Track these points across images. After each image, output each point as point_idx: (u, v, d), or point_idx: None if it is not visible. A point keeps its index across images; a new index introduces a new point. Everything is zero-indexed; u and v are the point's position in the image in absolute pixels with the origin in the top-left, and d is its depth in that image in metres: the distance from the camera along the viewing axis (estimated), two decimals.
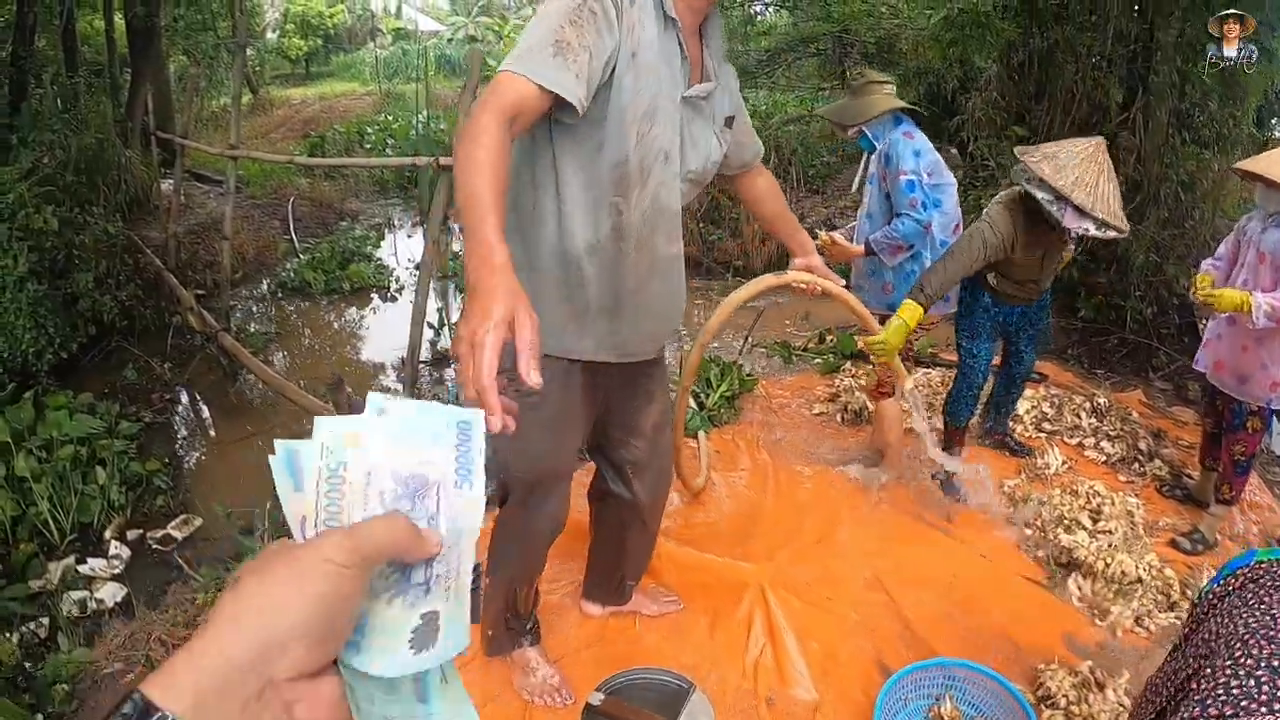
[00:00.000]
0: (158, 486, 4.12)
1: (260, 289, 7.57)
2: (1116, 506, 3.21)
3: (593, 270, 1.78)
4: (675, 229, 1.88)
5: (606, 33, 1.57)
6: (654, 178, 1.76)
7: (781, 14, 11.97)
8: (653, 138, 1.72)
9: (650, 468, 2.23)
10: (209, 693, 0.42)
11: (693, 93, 1.78)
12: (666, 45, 1.71)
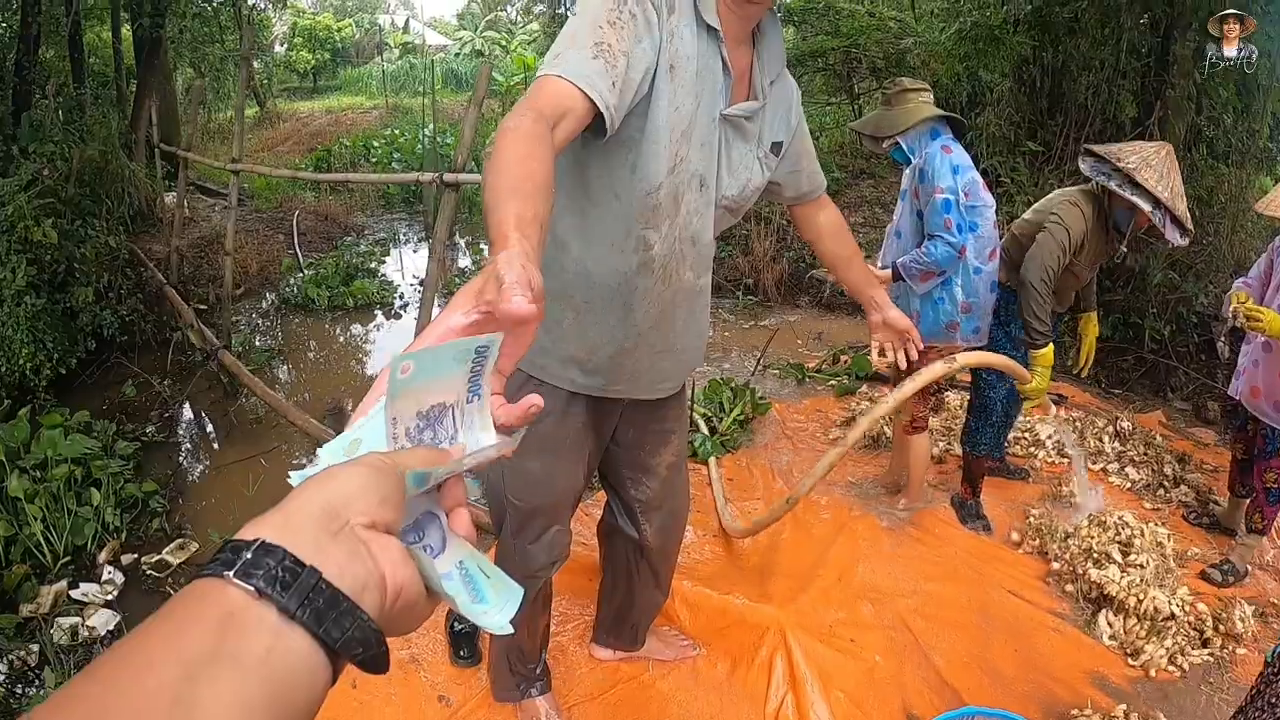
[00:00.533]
0: (154, 509, 4.00)
1: (263, 304, 7.47)
2: (1146, 538, 3.08)
3: (612, 304, 1.63)
4: (706, 260, 1.72)
5: (647, 38, 1.41)
6: (686, 205, 1.59)
7: (788, 29, 11.94)
8: (688, 161, 1.55)
9: (661, 509, 2.07)
10: (290, 524, 0.47)
11: (734, 111, 1.58)
12: (707, 57, 1.53)
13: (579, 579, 2.25)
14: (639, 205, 1.54)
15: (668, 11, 1.45)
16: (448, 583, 0.59)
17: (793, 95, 1.76)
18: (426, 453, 0.60)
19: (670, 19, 1.46)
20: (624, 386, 1.77)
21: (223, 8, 12.56)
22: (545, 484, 1.83)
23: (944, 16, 8.15)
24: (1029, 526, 3.32)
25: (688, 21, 1.49)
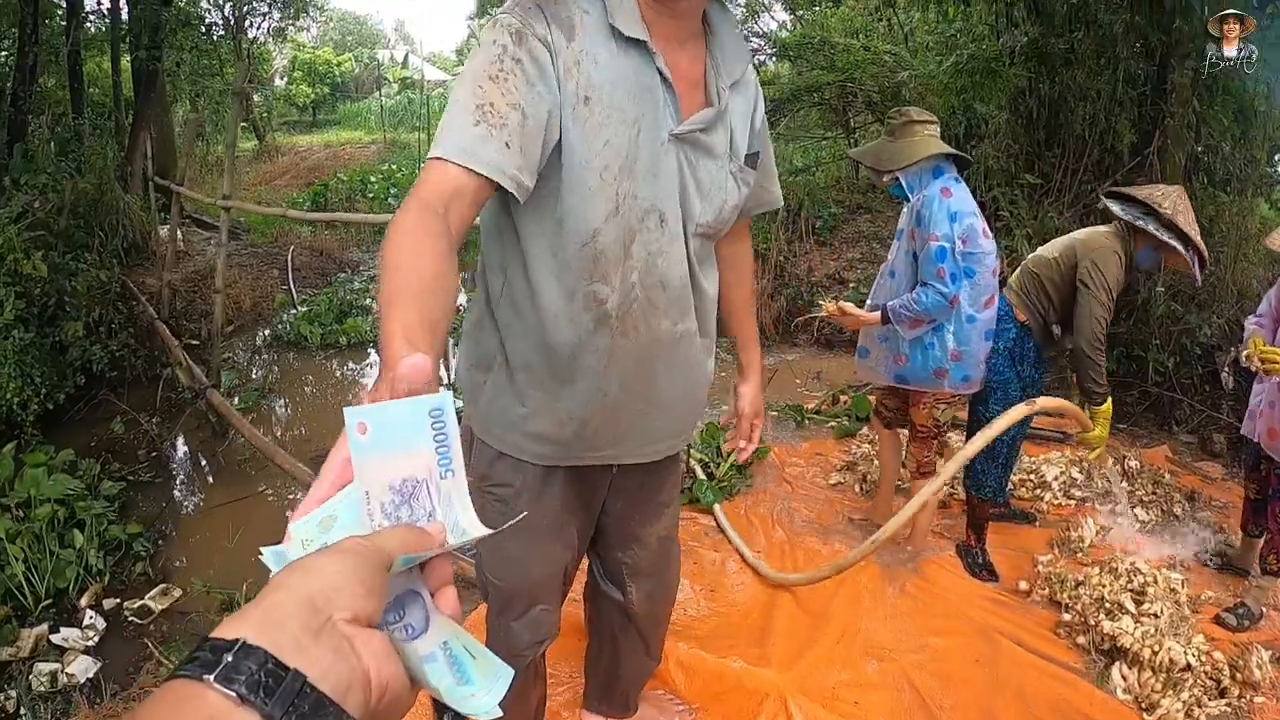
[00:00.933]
0: (137, 553, 3.91)
1: (256, 340, 7.39)
2: (1160, 585, 2.98)
3: (576, 371, 1.44)
4: (684, 303, 1.48)
5: (540, 82, 1.23)
6: (644, 247, 1.38)
7: (783, 65, 12.02)
8: (637, 198, 1.34)
9: (649, 576, 1.87)
10: (271, 621, 0.46)
11: (688, 127, 1.36)
12: (637, 74, 1.31)
13: (569, 640, 2.13)
14: (578, 259, 1.35)
15: (565, 40, 1.26)
16: (432, 665, 0.58)
17: (756, 97, 1.56)
18: (407, 534, 0.58)
19: (571, 47, 1.27)
20: (610, 451, 1.58)
21: (222, 41, 12.65)
22: (522, 566, 1.66)
23: (939, 49, 8.18)
24: (1038, 574, 3.22)
25: (600, 41, 1.29)
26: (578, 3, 1.30)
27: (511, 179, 1.17)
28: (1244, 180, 5.84)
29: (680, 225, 1.42)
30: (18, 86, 7.24)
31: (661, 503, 1.80)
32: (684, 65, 1.38)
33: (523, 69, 1.22)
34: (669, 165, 1.36)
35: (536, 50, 1.23)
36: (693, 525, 3.61)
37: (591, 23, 1.29)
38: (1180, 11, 5.24)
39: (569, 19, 1.28)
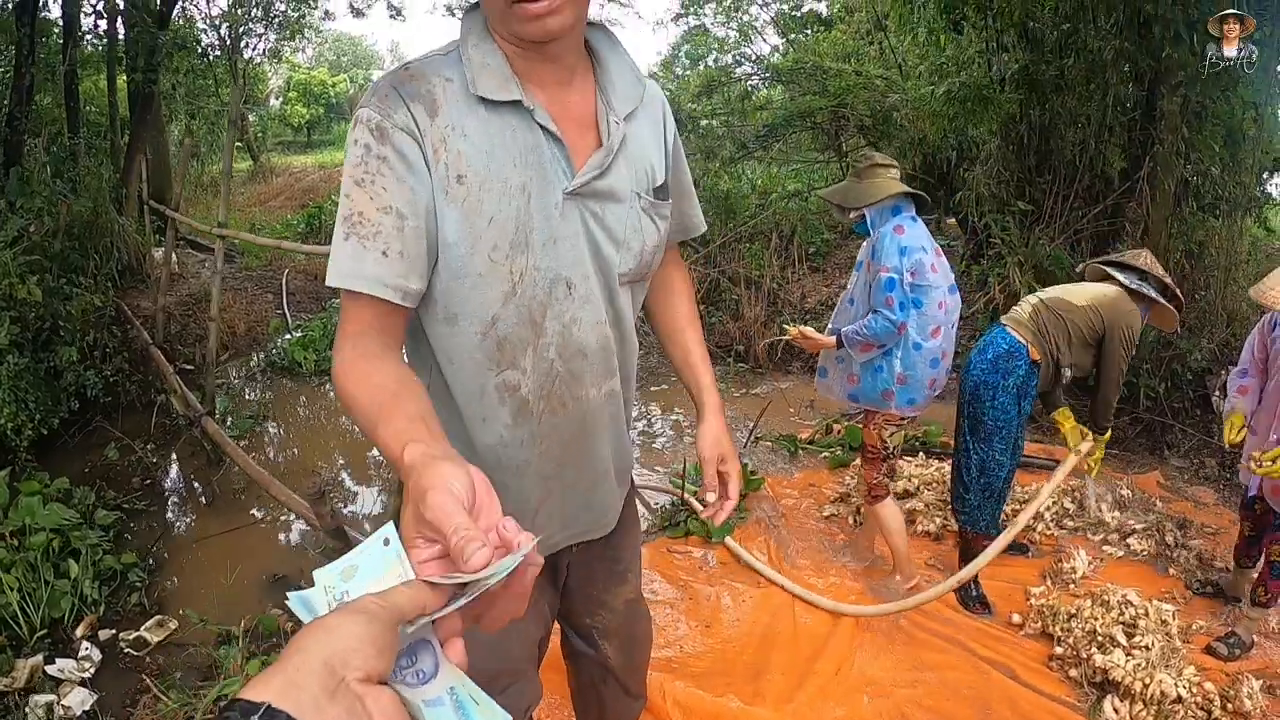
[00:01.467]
0: (133, 583, 3.89)
1: (250, 366, 7.38)
2: (1151, 617, 3.00)
3: (509, 466, 1.34)
4: (609, 363, 1.37)
5: (410, 175, 1.14)
6: (557, 319, 1.27)
7: (775, 89, 12.10)
8: (539, 271, 1.23)
9: (619, 634, 1.78)
10: (293, 683, 0.52)
11: (583, 179, 1.23)
12: (513, 136, 1.20)
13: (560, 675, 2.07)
14: (481, 351, 1.26)
15: (429, 118, 1.16)
16: (439, 709, 0.63)
17: (663, 117, 1.42)
18: (418, 593, 0.65)
19: (436, 124, 1.16)
20: (561, 536, 1.48)
21: (218, 62, 12.69)
22: (503, 649, 1.60)
23: (930, 75, 8.26)
24: (1030, 607, 3.24)
25: (466, 110, 1.18)
26: (438, 72, 1.19)
27: (395, 289, 1.13)
28: (1233, 203, 5.90)
29: (593, 287, 1.29)
30: (14, 106, 7.22)
31: (623, 570, 1.70)
32: (573, 108, 1.26)
33: (390, 166, 1.13)
34: (570, 228, 1.24)
35: (400, 142, 1.14)
36: (686, 560, 3.62)
37: (455, 91, 1.18)
38: (1169, 39, 5.31)
39: (429, 94, 1.17)
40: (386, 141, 1.14)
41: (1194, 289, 5.88)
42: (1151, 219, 5.76)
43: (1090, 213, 6.14)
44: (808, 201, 9.89)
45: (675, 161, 1.46)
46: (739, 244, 8.19)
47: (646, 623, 1.88)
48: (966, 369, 3.30)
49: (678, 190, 1.47)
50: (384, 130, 1.14)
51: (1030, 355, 3.20)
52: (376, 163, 1.13)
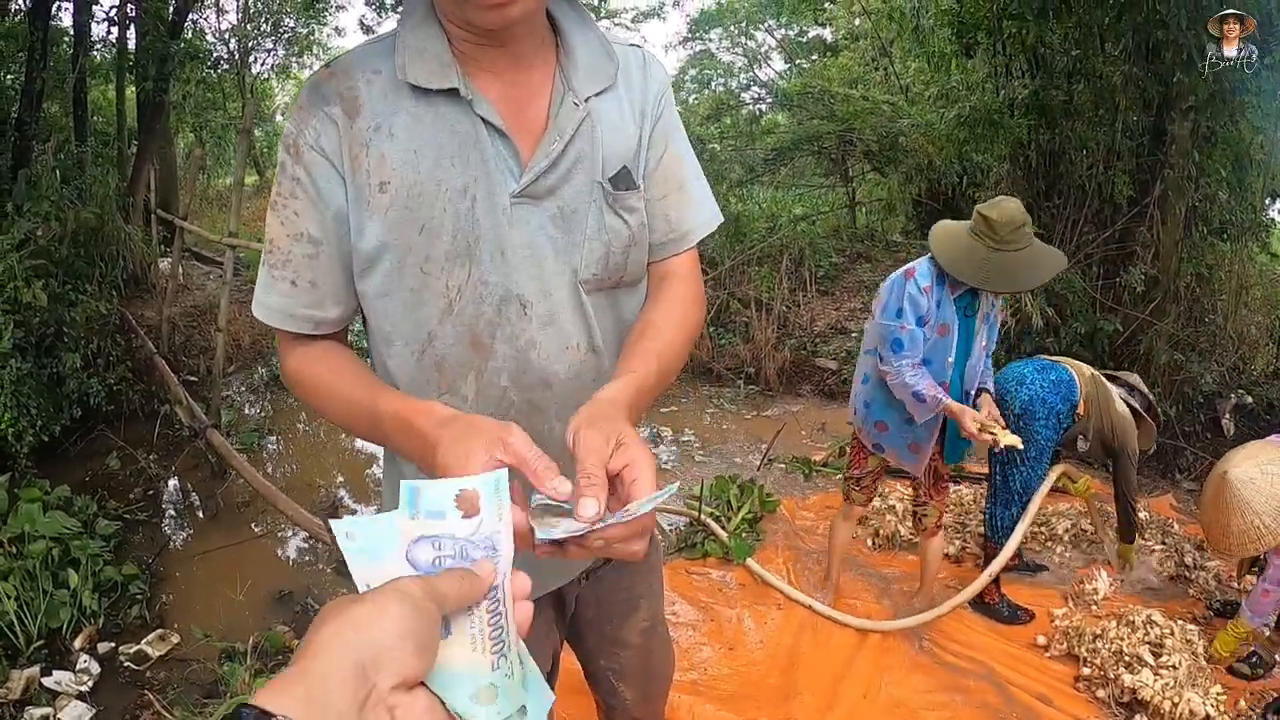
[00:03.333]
0: (134, 595, 3.81)
1: (254, 379, 7.30)
2: (1177, 637, 2.96)
3: None
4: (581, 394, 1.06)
5: (320, 199, 1.05)
6: (508, 342, 1.11)
7: (781, 114, 12.18)
8: (480, 285, 1.08)
9: (639, 674, 1.63)
10: (319, 696, 0.45)
11: (531, 178, 1.06)
12: (450, 131, 1.05)
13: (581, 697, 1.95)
14: (420, 372, 1.13)
15: (349, 119, 1.04)
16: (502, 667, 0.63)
17: (645, 90, 1.19)
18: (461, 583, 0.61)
19: (355, 126, 1.04)
20: (552, 577, 1.32)
21: (226, 75, 12.75)
22: None
23: (938, 100, 8.31)
24: (1055, 629, 3.19)
25: (395, 105, 1.04)
26: (365, 65, 1.06)
27: (304, 319, 1.09)
28: (1241, 227, 5.92)
29: (555, 305, 1.12)
30: (24, 111, 7.19)
31: (636, 596, 1.52)
32: (534, 95, 1.10)
33: (303, 188, 1.06)
34: (521, 236, 1.08)
35: (311, 161, 1.05)
36: (705, 581, 3.57)
37: (383, 84, 1.05)
38: (1180, 64, 5.33)
39: (350, 92, 1.04)
40: (299, 160, 1.06)
41: (1204, 313, 5.90)
42: (1162, 243, 5.77)
43: (1100, 237, 6.14)
44: (814, 225, 9.91)
45: (663, 143, 1.20)
46: (749, 266, 8.19)
47: (666, 649, 1.69)
48: (1019, 384, 3.27)
49: (662, 178, 1.21)
50: (298, 148, 1.06)
51: (1079, 404, 3.27)
52: (290, 184, 1.07)
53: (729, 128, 12.45)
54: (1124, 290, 5.78)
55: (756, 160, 9.96)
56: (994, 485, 3.38)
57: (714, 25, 15.11)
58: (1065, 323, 5.94)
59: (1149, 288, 5.67)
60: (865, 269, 9.11)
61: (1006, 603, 3.37)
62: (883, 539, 3.99)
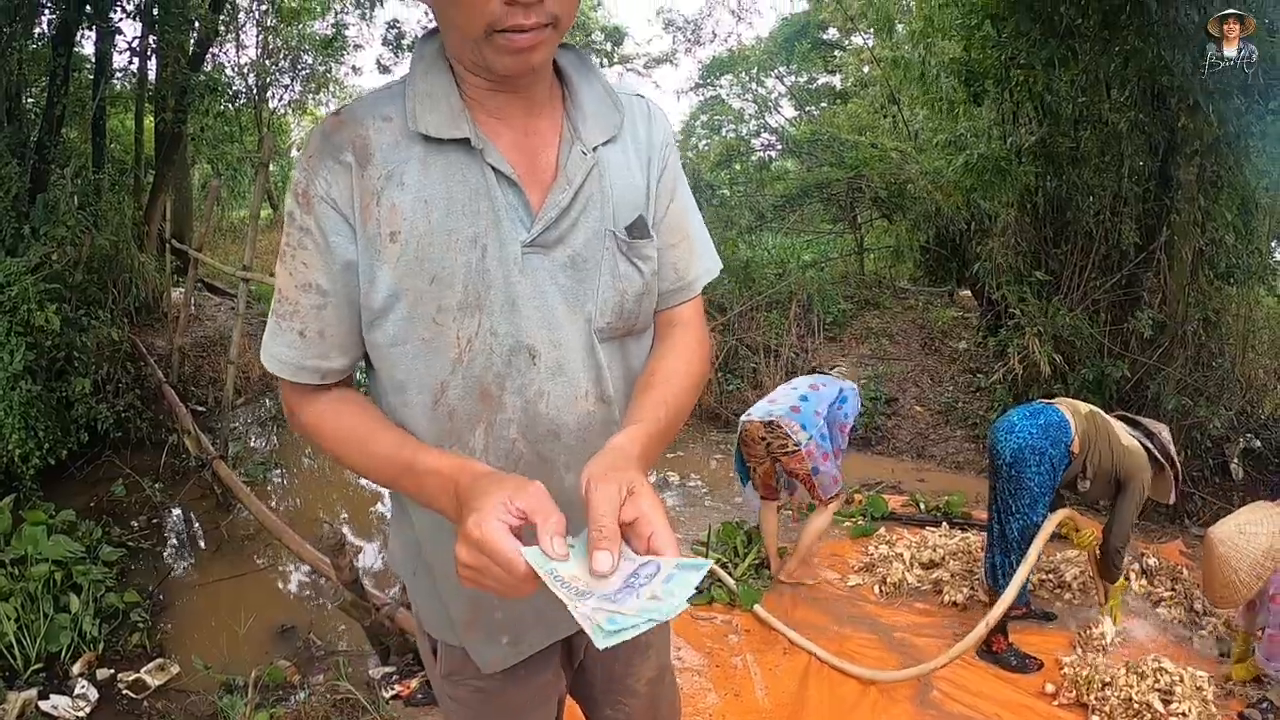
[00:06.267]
0: (135, 622, 3.80)
1: (262, 411, 7.33)
2: (1187, 684, 2.92)
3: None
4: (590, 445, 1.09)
5: (329, 250, 1.05)
6: (518, 394, 1.10)
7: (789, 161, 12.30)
8: (490, 336, 1.07)
9: None
10: None
11: (542, 228, 1.07)
12: (462, 181, 1.05)
13: None
14: (433, 423, 1.11)
15: (360, 168, 1.03)
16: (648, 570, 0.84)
17: (649, 139, 1.19)
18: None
19: (366, 175, 1.03)
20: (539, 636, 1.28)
21: (244, 109, 12.93)
22: None
23: (946, 147, 8.40)
24: (1064, 677, 3.14)
25: (406, 153, 1.04)
26: (376, 112, 1.05)
27: (311, 370, 1.08)
28: (1247, 271, 5.93)
29: (565, 355, 1.11)
30: (44, 135, 7.31)
31: (646, 644, 1.45)
32: (544, 143, 1.10)
33: (312, 239, 1.05)
34: (532, 286, 1.07)
35: (322, 213, 1.04)
36: (711, 627, 3.53)
37: (393, 132, 1.04)
38: (1185, 109, 5.39)
39: (361, 140, 1.03)
40: (309, 210, 1.04)
41: (1211, 357, 5.89)
42: (1169, 288, 5.79)
43: (1107, 283, 6.15)
44: (823, 271, 9.95)
45: (669, 193, 1.21)
46: (757, 312, 8.22)
47: (673, 698, 1.63)
48: (1009, 432, 3.27)
49: (670, 228, 1.21)
50: (308, 198, 1.04)
51: (1073, 442, 3.23)
52: (299, 234, 1.05)
53: (739, 173, 12.56)
54: (1131, 335, 5.77)
55: (766, 206, 10.04)
56: (992, 534, 3.37)
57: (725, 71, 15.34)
58: (1073, 369, 5.93)
59: (1156, 333, 5.67)
60: (873, 315, 9.14)
61: (1014, 651, 3.32)
62: (890, 586, 3.95)
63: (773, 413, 3.74)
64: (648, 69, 16.99)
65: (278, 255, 1.09)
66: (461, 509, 0.90)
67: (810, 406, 3.78)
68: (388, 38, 14.18)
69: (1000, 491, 3.30)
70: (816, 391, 3.88)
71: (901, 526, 4.70)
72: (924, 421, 7.08)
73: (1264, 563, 2.93)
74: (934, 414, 7.17)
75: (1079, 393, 5.70)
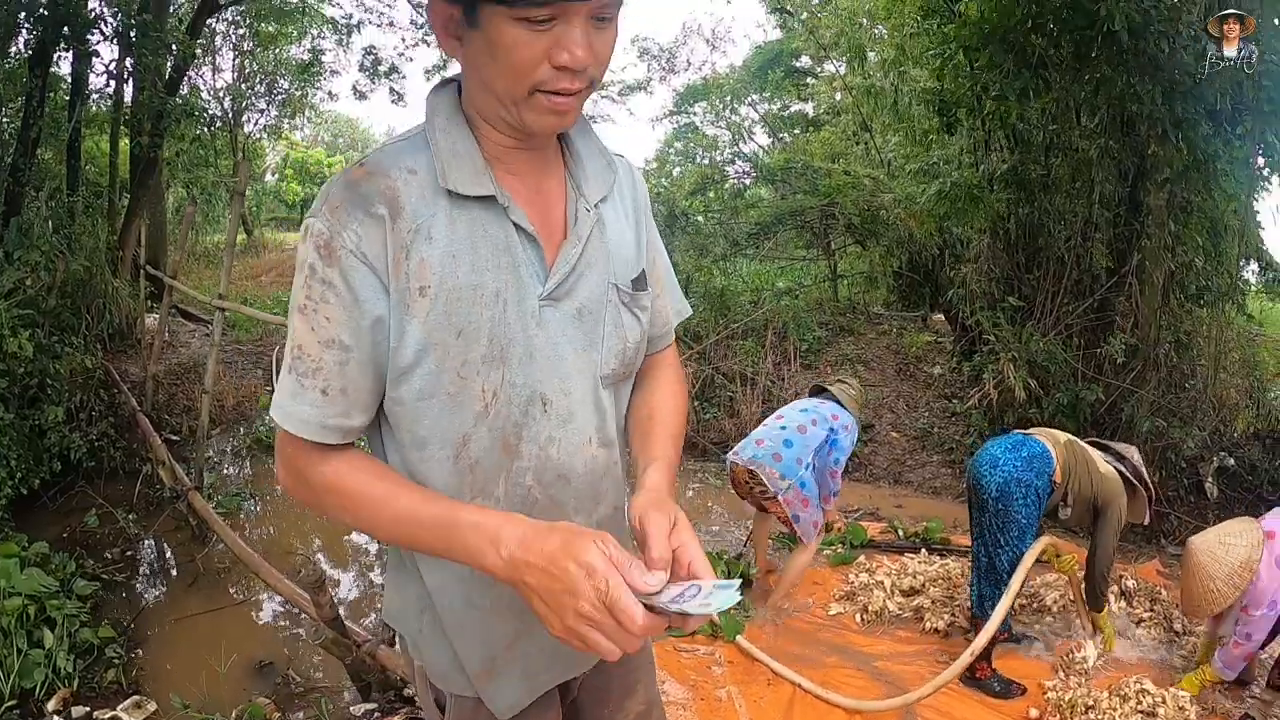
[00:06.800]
0: (110, 658, 3.69)
1: (237, 441, 7.20)
2: (1169, 705, 2.96)
3: (475, 604, 1.19)
4: (596, 487, 1.22)
5: (354, 305, 1.03)
6: (533, 442, 1.13)
7: (763, 188, 12.41)
8: (510, 388, 1.10)
9: None
10: None
11: (557, 282, 1.11)
12: (485, 236, 1.07)
13: None
14: (454, 475, 1.12)
15: (391, 220, 1.02)
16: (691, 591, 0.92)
17: (635, 200, 1.27)
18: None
19: (397, 227, 1.03)
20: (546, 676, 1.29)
21: (219, 133, 12.86)
22: None
23: (919, 174, 8.53)
24: (1047, 702, 3.16)
25: (432, 207, 1.05)
26: (400, 164, 1.06)
27: (334, 429, 1.06)
28: (1217, 293, 6.05)
29: (573, 403, 1.16)
30: (19, 157, 7.21)
31: (633, 680, 1.49)
32: (550, 200, 1.15)
33: (335, 293, 1.02)
34: (545, 336, 1.11)
35: (349, 266, 1.02)
36: (694, 659, 3.52)
37: (419, 185, 1.05)
38: (1155, 136, 5.51)
39: (391, 191, 1.03)
40: (334, 264, 1.02)
41: (1184, 378, 6.00)
42: (1141, 311, 5.90)
43: (1080, 307, 6.26)
44: (797, 299, 10.04)
45: (654, 247, 1.30)
46: (733, 340, 8.25)
47: None
48: (993, 466, 3.29)
49: (656, 279, 1.29)
50: (332, 250, 1.02)
51: (1055, 473, 3.29)
52: (321, 288, 1.03)
53: (713, 201, 12.66)
54: (1105, 359, 5.87)
55: (740, 233, 10.09)
56: (980, 565, 3.38)
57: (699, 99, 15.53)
58: (1048, 393, 6.02)
59: (1129, 356, 5.77)
60: (848, 342, 9.20)
61: (998, 677, 3.33)
62: (871, 614, 3.96)
63: (756, 456, 3.74)
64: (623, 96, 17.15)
65: (293, 308, 1.05)
66: (541, 559, 0.93)
67: (792, 454, 3.73)
68: (364, 64, 14.20)
69: (988, 526, 3.31)
70: (803, 435, 3.81)
71: (881, 554, 4.71)
72: (900, 447, 7.12)
73: (1241, 573, 3.03)
74: (910, 440, 7.21)
75: (1054, 417, 5.79)
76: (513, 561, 0.95)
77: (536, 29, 0.95)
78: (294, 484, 1.12)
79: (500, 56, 0.97)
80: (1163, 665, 3.57)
